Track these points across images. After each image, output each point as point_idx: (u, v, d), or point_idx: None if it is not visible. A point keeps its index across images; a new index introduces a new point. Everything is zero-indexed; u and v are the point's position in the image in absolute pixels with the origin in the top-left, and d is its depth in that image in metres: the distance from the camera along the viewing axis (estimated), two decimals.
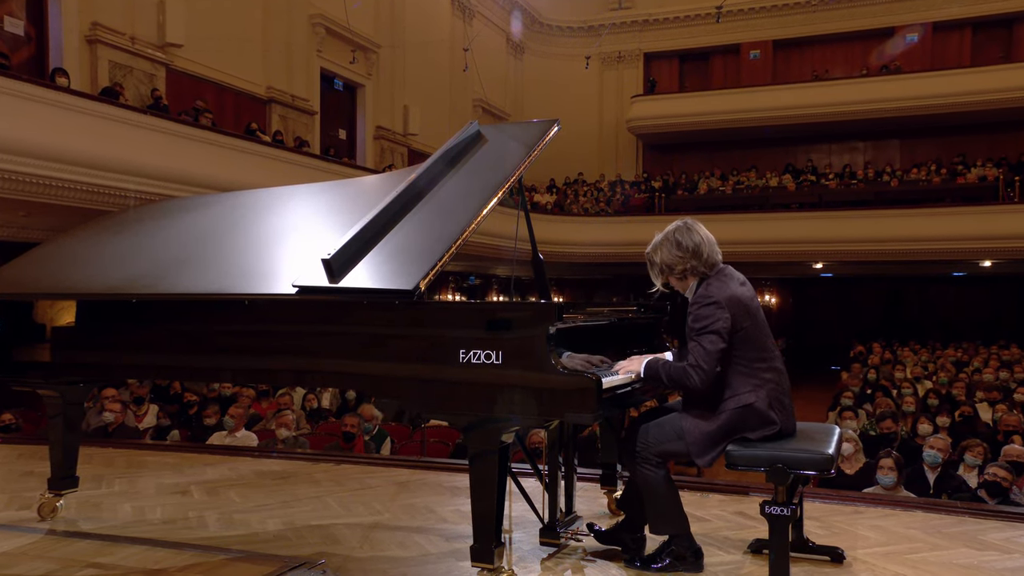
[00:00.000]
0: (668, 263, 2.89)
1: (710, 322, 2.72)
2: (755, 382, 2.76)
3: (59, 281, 3.52)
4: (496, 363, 2.46)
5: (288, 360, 2.88)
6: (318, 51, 14.98)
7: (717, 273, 2.87)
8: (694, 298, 2.83)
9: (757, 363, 2.78)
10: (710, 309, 2.74)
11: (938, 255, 16.04)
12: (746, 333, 2.77)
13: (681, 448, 2.81)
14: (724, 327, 2.72)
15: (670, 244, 2.89)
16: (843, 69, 20.33)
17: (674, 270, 2.89)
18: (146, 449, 5.68)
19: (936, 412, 7.73)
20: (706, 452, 2.76)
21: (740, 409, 2.74)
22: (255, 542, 3.39)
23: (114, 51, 10.86)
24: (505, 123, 16.74)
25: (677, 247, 2.87)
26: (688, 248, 2.86)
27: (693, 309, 2.79)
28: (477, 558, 2.57)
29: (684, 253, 2.86)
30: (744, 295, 2.82)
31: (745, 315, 2.78)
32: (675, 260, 2.87)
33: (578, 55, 20.15)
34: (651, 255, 2.95)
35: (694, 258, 2.85)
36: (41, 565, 3.07)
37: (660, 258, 2.91)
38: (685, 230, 2.89)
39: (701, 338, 2.72)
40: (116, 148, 8.69)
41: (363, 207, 3.06)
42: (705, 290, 2.81)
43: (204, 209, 3.86)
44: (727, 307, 2.74)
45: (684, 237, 2.87)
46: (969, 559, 3.14)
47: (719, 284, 2.82)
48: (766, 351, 2.82)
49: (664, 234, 2.93)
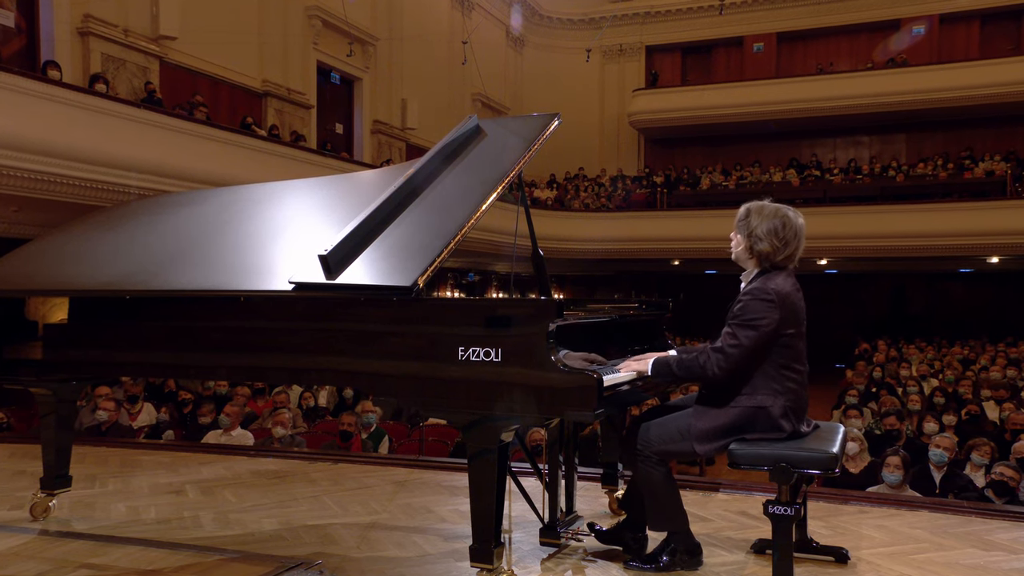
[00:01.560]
0: (758, 235, 2.77)
1: (756, 317, 2.67)
2: (777, 388, 2.73)
3: (52, 277, 3.52)
4: (496, 361, 2.46)
5: (284, 358, 2.88)
6: (314, 44, 14.96)
7: (782, 271, 2.80)
8: (749, 287, 2.76)
9: (786, 370, 2.75)
10: (763, 305, 2.67)
11: (945, 251, 16.04)
12: (788, 339, 2.73)
13: (682, 448, 2.80)
14: (768, 328, 2.66)
15: (778, 217, 2.78)
16: (848, 62, 20.32)
17: (757, 244, 2.77)
18: (140, 448, 5.69)
19: (942, 410, 7.75)
20: (707, 442, 2.75)
21: (753, 409, 2.73)
22: (251, 542, 3.39)
23: (106, 43, 10.85)
24: (505, 117, 16.72)
25: (782, 224, 2.76)
26: (790, 229, 2.77)
27: (745, 299, 2.73)
28: (476, 558, 2.56)
29: (777, 237, 2.76)
30: (797, 301, 2.77)
31: (792, 320, 2.73)
32: (766, 236, 2.76)
33: (579, 48, 20.12)
34: (751, 212, 2.82)
35: (779, 248, 2.76)
36: (33, 566, 3.07)
37: (755, 223, 2.78)
38: (793, 217, 2.79)
39: (740, 329, 2.67)
40: (109, 142, 8.69)
41: (360, 202, 3.05)
42: (764, 283, 2.73)
43: (199, 204, 3.86)
44: (779, 308, 2.68)
45: (788, 223, 2.78)
46: (976, 559, 3.14)
47: (780, 282, 2.74)
48: (798, 362, 2.78)
49: (775, 206, 2.81)
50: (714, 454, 2.80)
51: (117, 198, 8.59)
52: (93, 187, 8.54)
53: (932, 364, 12.94)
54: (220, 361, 3.09)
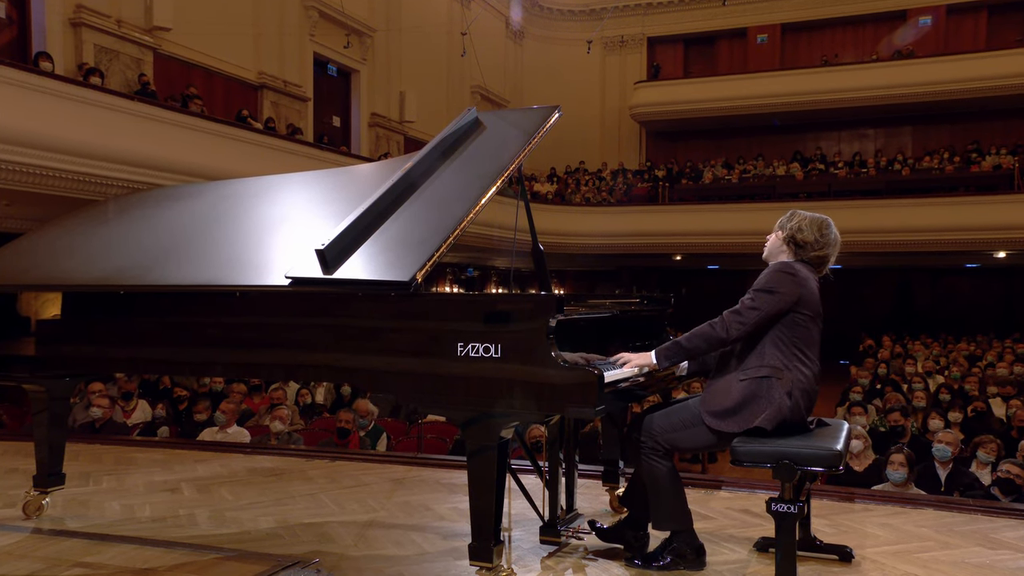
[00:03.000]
0: (806, 226, 2.91)
1: (776, 286, 2.78)
2: (786, 363, 2.78)
3: (44, 272, 3.52)
4: (495, 357, 2.47)
5: (281, 354, 2.88)
6: (311, 35, 14.94)
7: (808, 264, 2.92)
8: (776, 264, 2.89)
9: (798, 350, 2.81)
10: (785, 278, 2.80)
11: (951, 246, 16.03)
12: (804, 319, 2.81)
13: (688, 436, 2.82)
14: (787, 298, 2.76)
15: (822, 221, 2.94)
16: (853, 54, 20.28)
17: (800, 232, 2.90)
18: (135, 445, 5.69)
19: (948, 407, 7.75)
20: (719, 419, 2.78)
21: (760, 380, 2.76)
22: (247, 541, 3.40)
23: (99, 34, 10.83)
24: (504, 110, 16.71)
25: (827, 226, 2.93)
26: (832, 234, 2.93)
27: (770, 271, 2.85)
28: (476, 557, 2.57)
29: (825, 231, 2.92)
30: (816, 291, 2.87)
31: (811, 304, 2.82)
32: (813, 229, 2.90)
33: (579, 39, 20.06)
34: (797, 213, 2.97)
35: (826, 241, 2.91)
36: (26, 565, 3.08)
37: (801, 221, 2.92)
38: (831, 224, 2.96)
39: (759, 294, 2.78)
40: (102, 135, 8.68)
41: (358, 196, 3.05)
42: (790, 263, 2.87)
43: (194, 198, 3.86)
44: (800, 286, 2.79)
45: (833, 227, 2.96)
46: (982, 558, 3.15)
47: (805, 269, 2.87)
48: (811, 350, 2.85)
49: (819, 216, 2.96)
50: (727, 430, 2.78)
51: (110, 192, 8.58)
52: (85, 180, 8.53)
53: (938, 360, 12.95)
54: (216, 357, 3.09)
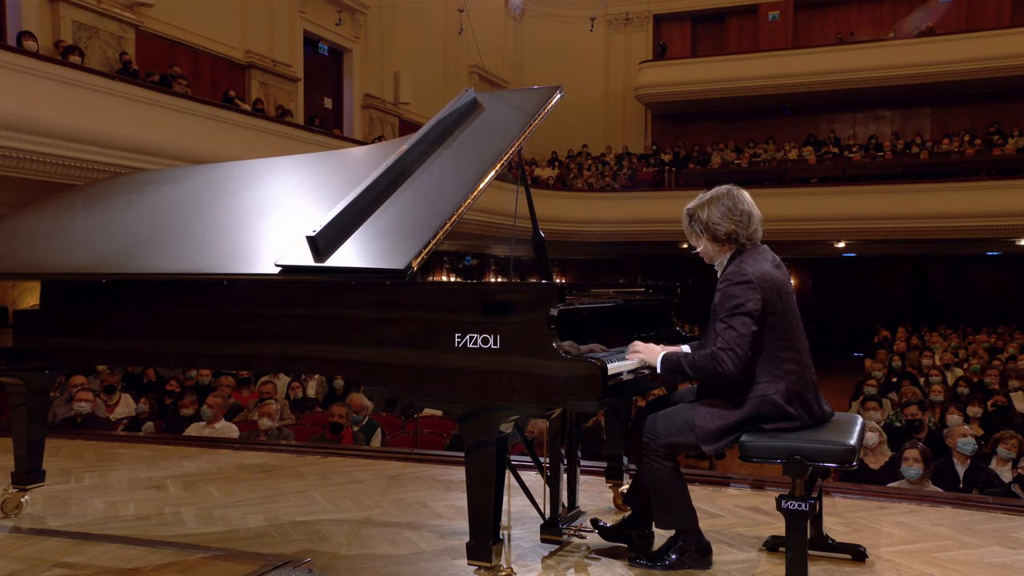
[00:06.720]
0: (715, 221, 2.84)
1: (742, 302, 2.71)
2: (776, 372, 2.76)
3: (22, 260, 3.52)
4: (494, 348, 2.47)
5: (270, 345, 2.89)
6: (301, 12, 14.88)
7: (752, 250, 2.86)
8: (724, 275, 2.82)
9: (782, 351, 2.78)
10: (742, 288, 2.72)
11: (971, 233, 16.02)
12: (776, 318, 2.77)
13: (691, 440, 2.81)
14: (756, 308, 2.71)
15: (721, 203, 2.86)
16: (869, 32, 20.21)
17: (718, 230, 2.84)
18: (118, 441, 5.70)
19: (967, 401, 7.76)
20: (716, 441, 2.77)
21: (757, 400, 2.75)
22: (236, 539, 3.41)
23: (78, 10, 10.79)
24: (504, 90, 16.66)
25: (730, 208, 2.85)
26: (739, 211, 2.84)
27: (723, 287, 2.78)
28: (474, 556, 2.58)
29: (734, 215, 2.84)
30: (778, 277, 2.82)
31: (777, 298, 2.77)
32: (723, 219, 2.83)
33: (582, 17, 19.99)
34: (695, 211, 2.91)
35: (742, 223, 2.84)
36: (5, 565, 3.08)
37: (706, 215, 2.86)
38: (737, 193, 2.89)
39: (733, 320, 2.71)
40: (81, 116, 8.65)
41: (351, 181, 3.05)
42: (738, 267, 2.80)
43: (179, 183, 3.85)
44: (759, 287, 2.73)
45: (737, 200, 2.87)
46: (1002, 558, 3.15)
47: (753, 261, 2.81)
48: (793, 340, 2.82)
49: (714, 192, 2.90)
50: (723, 450, 2.81)
51: (89, 176, 8.56)
52: (63, 164, 8.51)
53: (956, 353, 12.94)
54: (202, 349, 3.10)
